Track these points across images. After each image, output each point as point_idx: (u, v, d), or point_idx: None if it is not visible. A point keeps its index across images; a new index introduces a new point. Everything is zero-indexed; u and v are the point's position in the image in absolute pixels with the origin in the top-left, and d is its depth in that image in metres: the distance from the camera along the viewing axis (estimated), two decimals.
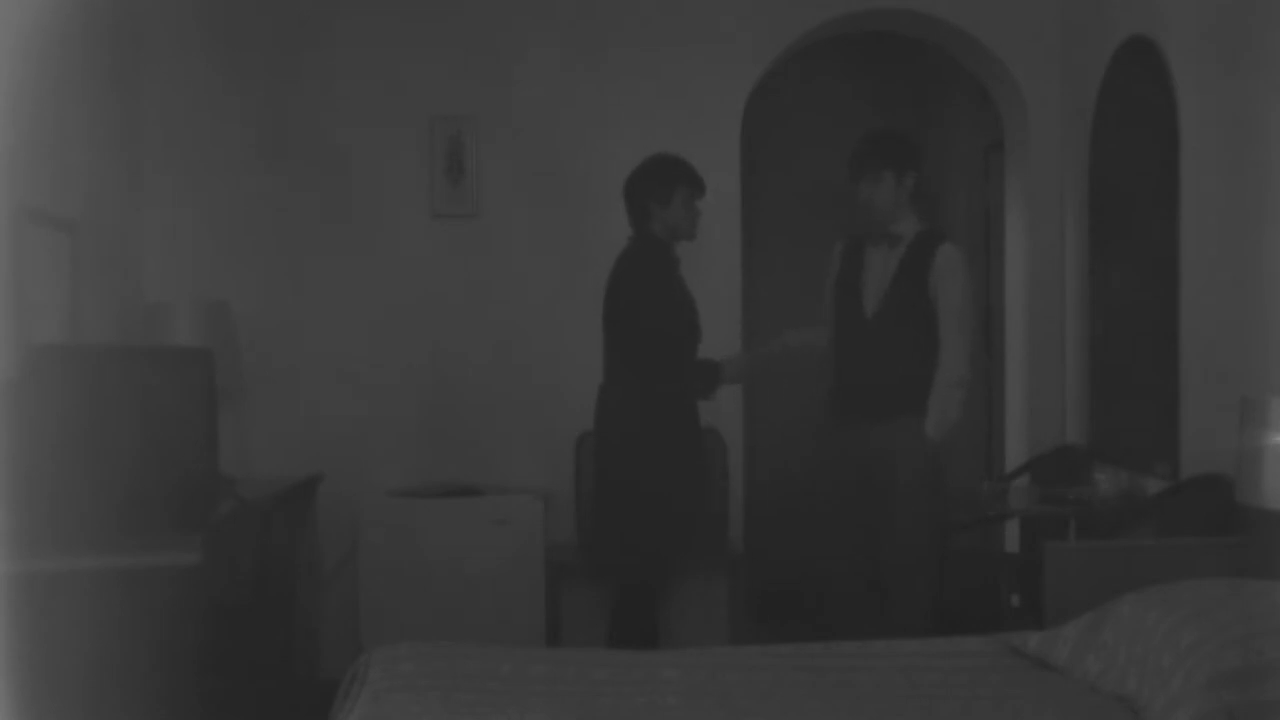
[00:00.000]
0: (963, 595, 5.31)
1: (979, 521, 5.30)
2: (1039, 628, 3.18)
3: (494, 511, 4.62)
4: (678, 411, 4.06)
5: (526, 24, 4.96)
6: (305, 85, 4.88)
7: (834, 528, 4.27)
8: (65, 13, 3.75)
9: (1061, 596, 3.27)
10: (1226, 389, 3.65)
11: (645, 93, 5.00)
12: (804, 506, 6.50)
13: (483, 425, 4.94)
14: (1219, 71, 3.90)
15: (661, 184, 4.02)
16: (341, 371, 4.88)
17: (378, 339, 4.91)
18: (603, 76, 4.98)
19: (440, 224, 4.95)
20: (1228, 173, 3.84)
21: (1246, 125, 3.72)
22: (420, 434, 4.92)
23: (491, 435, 4.94)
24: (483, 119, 4.94)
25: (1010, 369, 5.43)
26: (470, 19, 4.94)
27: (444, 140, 4.92)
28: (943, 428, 3.99)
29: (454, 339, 4.94)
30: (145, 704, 2.85)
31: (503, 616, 4.50)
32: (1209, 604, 2.61)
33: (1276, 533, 3.07)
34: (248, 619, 3.65)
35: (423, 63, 4.92)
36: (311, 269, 4.89)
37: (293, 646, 4.27)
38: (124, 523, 3.03)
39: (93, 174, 4.20)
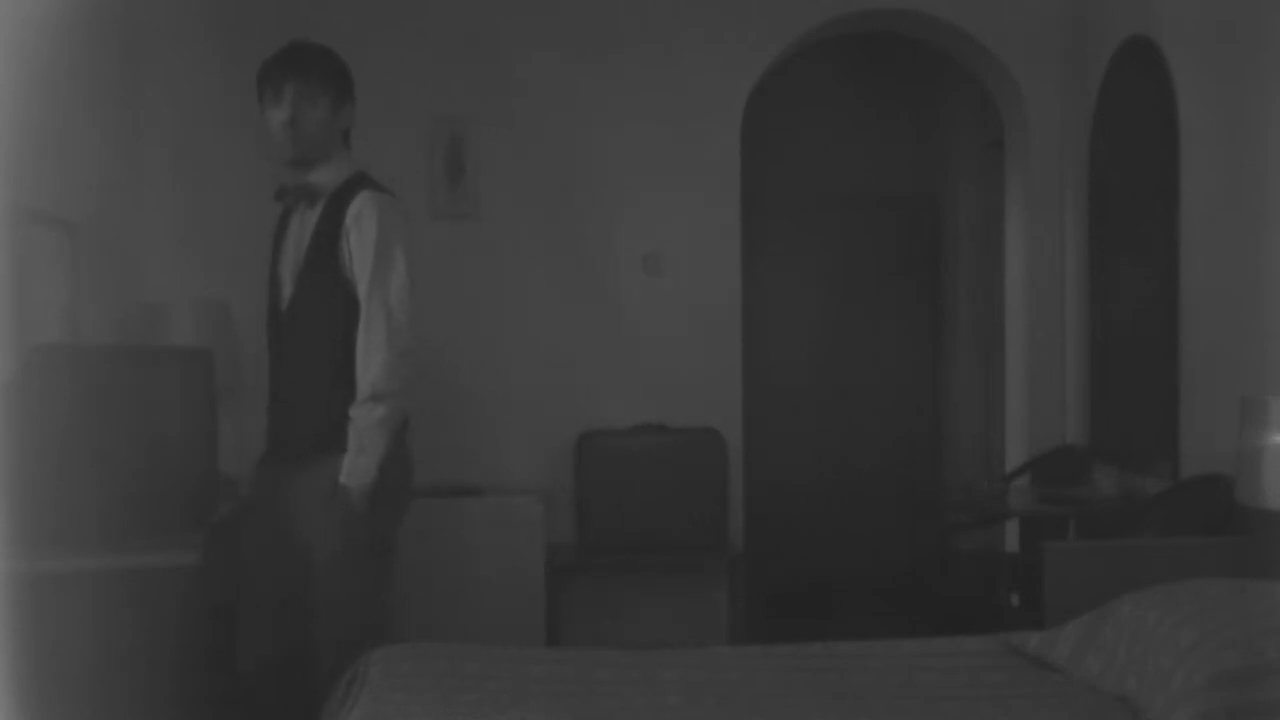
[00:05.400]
0: (963, 595, 5.32)
1: (979, 521, 5.32)
2: (1039, 628, 3.18)
3: (494, 511, 4.62)
4: None
5: (527, 24, 4.96)
6: None
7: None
8: (65, 13, 3.75)
9: (1061, 596, 3.27)
10: (1226, 389, 3.65)
11: (645, 93, 5.00)
12: (804, 507, 6.54)
13: (483, 425, 4.94)
14: (1219, 71, 3.90)
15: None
16: None
17: None
18: (603, 76, 4.98)
19: (440, 224, 4.94)
20: (1228, 173, 3.85)
21: (1246, 125, 3.72)
22: (420, 434, 4.90)
23: (491, 435, 4.94)
24: (483, 119, 4.94)
25: (1010, 369, 5.43)
26: (470, 19, 4.94)
27: (444, 140, 4.92)
28: (359, 471, 2.90)
29: (454, 339, 4.93)
30: (146, 704, 2.85)
31: (503, 616, 4.50)
32: (1209, 604, 2.61)
33: (1276, 533, 3.07)
34: None
35: (423, 63, 4.92)
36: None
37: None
38: (124, 522, 3.03)
39: (93, 174, 4.20)
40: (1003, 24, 5.11)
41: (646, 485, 4.77)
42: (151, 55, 4.77)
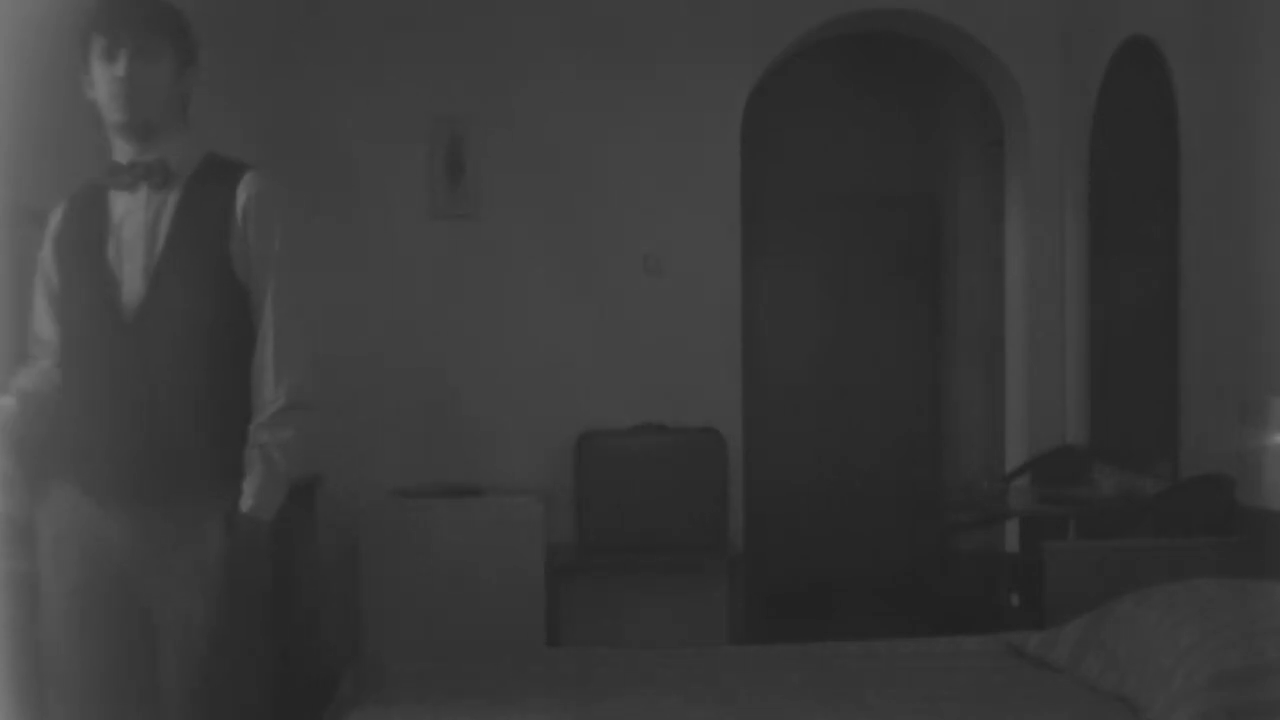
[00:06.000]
0: (963, 595, 5.32)
1: (979, 521, 5.32)
2: (1039, 628, 3.18)
3: (494, 511, 4.63)
4: None
5: (527, 25, 4.96)
6: (305, 85, 4.88)
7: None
8: (65, 13, 3.74)
9: (1061, 596, 3.28)
10: (1226, 389, 3.65)
11: (645, 93, 5.00)
12: (804, 507, 6.54)
13: (483, 425, 4.94)
14: (1219, 71, 3.90)
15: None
16: (341, 371, 4.86)
17: (377, 339, 4.90)
18: (603, 76, 4.98)
19: (440, 224, 4.95)
20: (1228, 173, 3.85)
21: (1246, 125, 3.72)
22: (420, 434, 4.92)
23: (491, 435, 4.94)
24: (483, 119, 4.94)
25: (1010, 369, 5.43)
26: (471, 20, 4.94)
27: (444, 140, 4.92)
28: (268, 497, 2.39)
29: (454, 339, 4.94)
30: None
31: (503, 616, 4.50)
32: (1209, 604, 2.61)
33: (1276, 533, 3.07)
34: None
35: (423, 63, 4.92)
36: (311, 269, 4.87)
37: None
38: None
39: (93, 174, 4.19)
40: (1003, 24, 5.11)
41: (646, 485, 4.77)
42: None
